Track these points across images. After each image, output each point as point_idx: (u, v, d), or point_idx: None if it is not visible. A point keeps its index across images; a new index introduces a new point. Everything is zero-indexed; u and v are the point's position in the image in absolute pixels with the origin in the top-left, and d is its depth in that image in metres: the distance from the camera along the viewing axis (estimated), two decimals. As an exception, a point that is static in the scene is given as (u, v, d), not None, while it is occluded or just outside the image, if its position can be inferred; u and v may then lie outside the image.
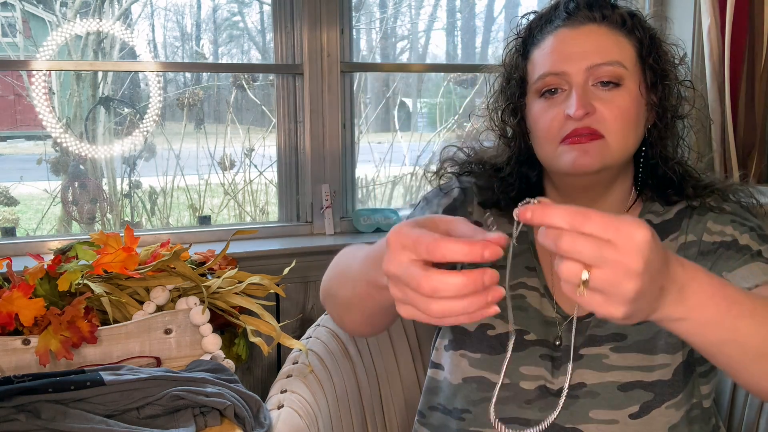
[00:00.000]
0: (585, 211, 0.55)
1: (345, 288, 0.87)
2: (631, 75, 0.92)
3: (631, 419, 0.89)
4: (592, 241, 0.54)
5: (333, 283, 0.92)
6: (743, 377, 0.73)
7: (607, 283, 0.55)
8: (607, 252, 0.54)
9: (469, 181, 1.08)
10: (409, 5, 2.20)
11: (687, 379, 0.92)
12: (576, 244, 0.54)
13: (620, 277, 0.55)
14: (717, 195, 0.97)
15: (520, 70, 0.99)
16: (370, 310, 0.85)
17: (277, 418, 1.02)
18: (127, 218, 1.86)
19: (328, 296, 0.94)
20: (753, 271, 0.86)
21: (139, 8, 1.87)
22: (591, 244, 0.54)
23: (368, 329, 0.95)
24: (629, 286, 0.55)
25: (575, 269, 0.55)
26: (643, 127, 0.96)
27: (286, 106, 1.79)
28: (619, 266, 0.54)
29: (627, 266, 0.54)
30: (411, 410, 1.28)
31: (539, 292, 0.99)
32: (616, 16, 0.93)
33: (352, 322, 0.92)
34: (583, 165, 0.90)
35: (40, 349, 1.09)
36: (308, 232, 1.80)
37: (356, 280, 0.82)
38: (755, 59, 1.91)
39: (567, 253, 0.55)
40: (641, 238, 0.54)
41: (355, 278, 0.82)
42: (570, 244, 0.54)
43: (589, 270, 0.55)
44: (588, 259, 0.54)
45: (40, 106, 1.70)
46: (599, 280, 0.55)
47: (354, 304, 0.86)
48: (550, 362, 0.95)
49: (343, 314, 0.92)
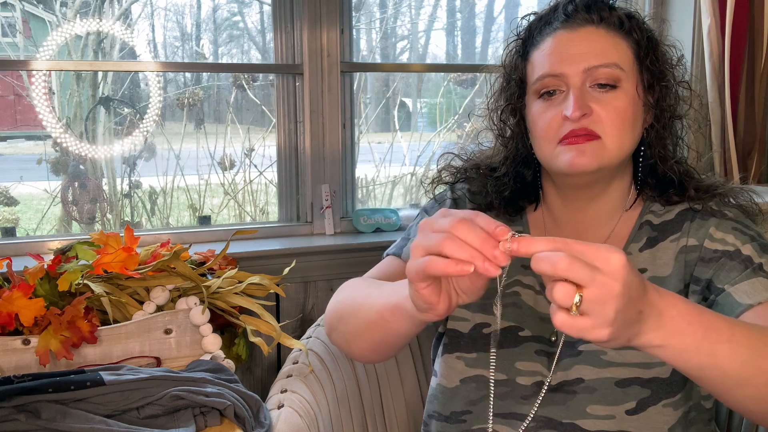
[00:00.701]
0: (565, 239, 0.62)
1: (358, 315, 0.92)
2: (629, 76, 0.93)
3: (627, 415, 0.90)
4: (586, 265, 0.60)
5: (345, 312, 0.97)
6: (729, 401, 0.75)
7: (595, 304, 0.60)
8: (596, 274, 0.60)
9: (462, 188, 1.10)
10: (409, 5, 2.20)
11: (686, 380, 0.92)
12: (573, 265, 0.60)
13: (605, 297, 0.60)
14: (719, 198, 0.98)
15: (519, 71, 1.00)
16: (380, 336, 0.89)
17: (277, 417, 1.02)
18: (127, 218, 1.86)
19: (339, 323, 0.98)
20: (755, 288, 0.88)
21: (139, 8, 1.87)
22: (586, 267, 0.60)
23: (374, 356, 0.98)
24: (611, 307, 0.60)
25: (569, 291, 0.60)
26: (641, 128, 0.97)
27: (286, 106, 1.79)
28: (606, 287, 0.60)
29: (610, 287, 0.60)
30: (411, 410, 1.28)
31: (534, 290, 1.00)
32: (613, 18, 0.94)
33: (360, 349, 0.96)
34: (580, 165, 0.91)
35: (40, 349, 1.09)
36: (308, 232, 1.80)
37: (374, 306, 0.88)
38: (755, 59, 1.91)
39: (565, 271, 0.60)
40: (618, 261, 0.60)
41: (373, 305, 0.88)
42: (568, 264, 0.60)
43: (580, 292, 0.60)
44: (583, 279, 0.60)
45: (40, 106, 1.70)
46: (589, 301, 0.60)
47: (364, 331, 0.91)
48: (545, 358, 0.95)
49: (351, 341, 0.96)
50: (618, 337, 0.64)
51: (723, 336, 0.70)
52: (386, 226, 1.83)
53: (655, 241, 0.98)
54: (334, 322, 1.00)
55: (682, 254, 0.95)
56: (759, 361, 0.71)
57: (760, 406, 0.73)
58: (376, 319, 0.88)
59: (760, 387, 0.71)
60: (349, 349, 0.99)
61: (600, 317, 0.61)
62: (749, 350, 0.71)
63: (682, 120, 1.01)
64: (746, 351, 0.71)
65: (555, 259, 0.60)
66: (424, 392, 1.30)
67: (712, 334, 0.69)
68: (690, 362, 0.70)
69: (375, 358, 1.00)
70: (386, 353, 0.97)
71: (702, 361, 0.69)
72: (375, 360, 1.03)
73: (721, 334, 0.70)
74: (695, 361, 0.70)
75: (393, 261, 1.08)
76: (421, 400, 1.29)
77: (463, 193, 1.09)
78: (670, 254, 0.96)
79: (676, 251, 0.96)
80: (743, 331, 0.72)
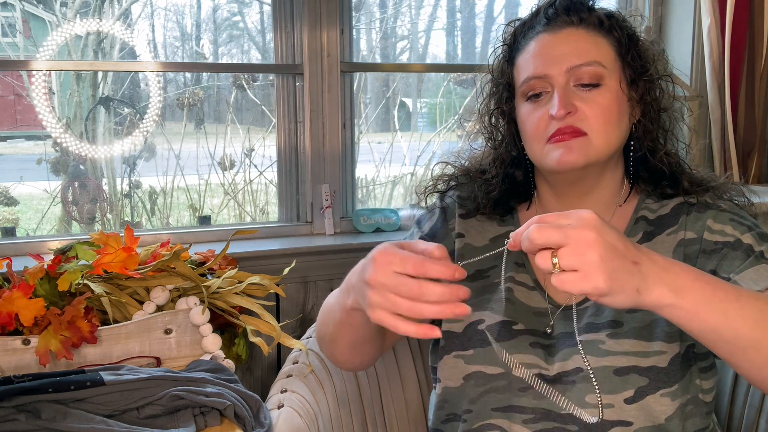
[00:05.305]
0: (537, 216, 0.71)
1: (328, 322, 0.98)
2: (611, 73, 0.97)
3: (626, 404, 0.90)
4: (554, 226, 0.68)
5: (321, 322, 1.03)
6: (745, 367, 0.77)
7: (574, 256, 0.67)
8: (567, 231, 0.67)
9: (452, 195, 1.13)
10: (409, 5, 2.20)
11: (684, 371, 0.93)
12: (543, 231, 0.68)
13: (582, 247, 0.67)
14: (712, 192, 1.00)
15: (506, 76, 1.05)
16: (350, 337, 0.96)
17: (277, 417, 1.03)
18: (127, 218, 1.86)
19: (322, 335, 1.04)
20: (761, 274, 0.89)
21: (139, 8, 1.87)
22: (554, 227, 0.68)
23: (357, 359, 1.03)
24: (592, 253, 0.67)
25: (546, 255, 0.68)
26: (628, 123, 1.00)
27: (286, 106, 1.79)
28: (579, 239, 0.67)
29: (585, 237, 0.67)
30: (411, 410, 1.28)
31: (527, 287, 1.02)
32: (593, 18, 0.98)
33: (342, 354, 1.02)
34: (568, 162, 0.94)
35: (40, 349, 1.09)
36: (308, 232, 1.80)
37: (334, 310, 0.94)
38: (755, 59, 1.91)
39: (539, 239, 0.68)
40: (587, 213, 0.69)
41: (333, 309, 0.95)
42: (538, 232, 0.68)
43: (555, 254, 0.67)
44: (556, 240, 0.67)
45: (40, 106, 1.70)
46: (567, 256, 0.67)
47: (337, 334, 0.97)
48: (542, 350, 0.96)
49: (333, 349, 1.02)
50: (622, 288, 0.68)
51: (731, 295, 0.73)
52: (386, 226, 1.83)
53: (652, 236, 1.00)
54: (317, 335, 1.06)
55: (681, 247, 0.97)
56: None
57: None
58: (341, 321, 0.93)
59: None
60: (334, 357, 1.04)
61: (586, 265, 0.67)
62: (758, 311, 0.73)
63: (668, 111, 1.04)
64: (755, 311, 0.73)
65: (529, 233, 0.69)
66: (424, 392, 1.30)
67: (719, 292, 0.73)
68: (706, 322, 0.72)
69: (359, 360, 1.04)
70: (368, 354, 1.02)
71: (716, 320, 0.72)
72: (361, 363, 1.06)
73: (729, 293, 0.73)
74: (710, 321, 0.72)
75: None
76: (421, 401, 1.29)
77: (453, 200, 1.12)
78: (668, 247, 0.97)
79: (674, 244, 0.97)
80: (749, 293, 0.75)
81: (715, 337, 0.74)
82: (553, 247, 0.68)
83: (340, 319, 0.93)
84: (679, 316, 0.72)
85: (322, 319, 1.03)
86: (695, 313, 0.72)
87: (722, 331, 0.73)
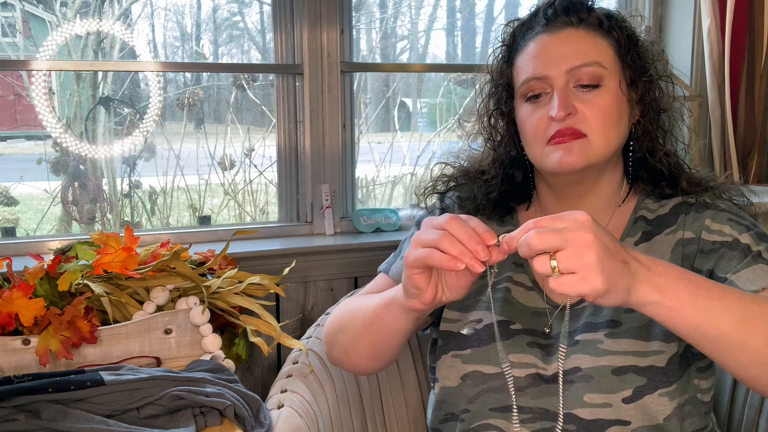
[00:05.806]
0: (533, 220, 0.72)
1: (355, 321, 1.00)
2: (611, 74, 0.96)
3: (624, 403, 0.90)
4: (552, 231, 0.69)
5: (344, 321, 1.04)
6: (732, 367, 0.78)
7: (573, 259, 0.68)
8: (565, 234, 0.68)
9: (451, 196, 1.13)
10: (409, 5, 2.20)
11: (682, 371, 0.93)
12: (542, 237, 0.69)
13: (581, 250, 0.68)
14: (711, 192, 1.01)
15: (506, 76, 1.04)
16: (376, 336, 0.97)
17: (278, 417, 1.03)
18: (127, 218, 1.86)
19: (338, 333, 1.04)
20: (757, 274, 0.89)
21: (139, 8, 1.87)
22: (552, 232, 0.69)
23: (372, 362, 1.03)
24: (590, 254, 0.68)
25: (544, 260, 0.69)
26: (627, 123, 1.00)
27: (286, 106, 1.79)
28: (577, 241, 0.68)
29: (582, 239, 0.68)
30: (410, 410, 1.28)
31: (525, 287, 1.02)
32: (592, 19, 0.98)
33: (359, 356, 1.02)
34: (568, 163, 0.94)
35: (40, 349, 1.09)
36: (308, 232, 1.80)
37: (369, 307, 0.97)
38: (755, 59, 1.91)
39: (538, 245, 0.69)
40: (582, 216, 0.70)
41: (369, 307, 0.97)
42: (538, 238, 0.69)
43: (554, 258, 0.68)
44: (555, 244, 0.68)
45: (40, 106, 1.70)
46: (565, 259, 0.68)
47: (359, 340, 0.99)
48: (539, 350, 0.96)
49: (350, 349, 1.02)
50: (615, 288, 0.70)
51: (714, 293, 0.74)
52: (386, 226, 1.83)
53: (651, 235, 1.00)
54: (332, 336, 1.06)
55: (679, 247, 0.97)
56: (753, 320, 0.74)
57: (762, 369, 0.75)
58: (372, 318, 0.95)
59: (760, 348, 0.74)
60: (348, 359, 1.04)
61: (584, 267, 0.68)
62: (742, 310, 0.74)
63: (667, 112, 1.04)
64: (739, 310, 0.74)
65: (527, 239, 0.70)
66: (423, 392, 1.30)
67: (702, 290, 0.74)
68: (688, 320, 0.73)
69: (373, 364, 1.04)
70: (384, 357, 1.01)
71: (698, 318, 0.73)
72: (374, 367, 1.06)
73: (712, 291, 0.74)
74: (693, 320, 0.73)
75: (383, 279, 1.12)
76: (420, 400, 1.29)
77: (452, 201, 1.12)
78: (666, 247, 0.98)
79: (672, 244, 0.97)
80: (733, 292, 0.76)
81: (699, 336, 0.75)
82: (551, 251, 0.69)
83: (370, 319, 0.96)
84: (662, 314, 0.73)
85: (339, 326, 1.04)
86: (677, 310, 0.73)
87: (705, 330, 0.74)
